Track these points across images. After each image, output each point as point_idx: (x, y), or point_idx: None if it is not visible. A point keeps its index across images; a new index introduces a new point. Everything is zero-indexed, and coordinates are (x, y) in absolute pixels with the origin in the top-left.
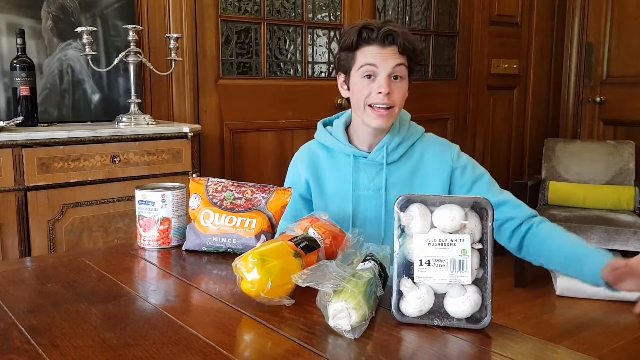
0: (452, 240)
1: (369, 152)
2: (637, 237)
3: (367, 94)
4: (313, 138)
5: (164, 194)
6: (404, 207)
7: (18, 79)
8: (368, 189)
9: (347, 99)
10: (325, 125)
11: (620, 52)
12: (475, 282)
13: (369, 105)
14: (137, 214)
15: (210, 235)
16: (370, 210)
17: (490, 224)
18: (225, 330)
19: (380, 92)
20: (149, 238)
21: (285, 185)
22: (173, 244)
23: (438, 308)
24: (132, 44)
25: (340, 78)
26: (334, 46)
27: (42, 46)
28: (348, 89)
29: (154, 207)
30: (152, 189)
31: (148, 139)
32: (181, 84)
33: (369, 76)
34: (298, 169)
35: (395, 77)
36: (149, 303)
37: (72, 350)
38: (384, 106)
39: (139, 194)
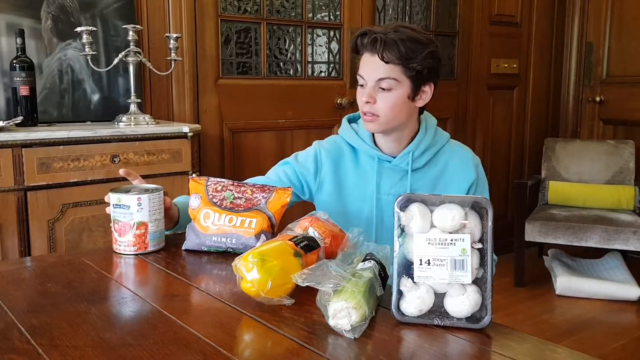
0: (452, 240)
1: (393, 157)
2: (637, 236)
3: (360, 102)
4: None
5: (139, 197)
6: (403, 207)
7: (18, 79)
8: (389, 194)
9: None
10: (350, 121)
11: (620, 52)
12: (475, 281)
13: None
14: (112, 218)
15: (210, 235)
16: (390, 216)
17: (490, 223)
18: (225, 330)
19: (363, 99)
20: (124, 243)
21: (300, 153)
22: (150, 249)
23: (438, 308)
24: (132, 44)
25: None
26: (334, 46)
27: (42, 46)
28: None
29: (129, 211)
30: (127, 191)
31: (148, 138)
32: (181, 84)
33: (362, 85)
34: (321, 155)
35: (382, 89)
36: (149, 303)
37: (72, 350)
38: (368, 113)
39: (114, 197)
